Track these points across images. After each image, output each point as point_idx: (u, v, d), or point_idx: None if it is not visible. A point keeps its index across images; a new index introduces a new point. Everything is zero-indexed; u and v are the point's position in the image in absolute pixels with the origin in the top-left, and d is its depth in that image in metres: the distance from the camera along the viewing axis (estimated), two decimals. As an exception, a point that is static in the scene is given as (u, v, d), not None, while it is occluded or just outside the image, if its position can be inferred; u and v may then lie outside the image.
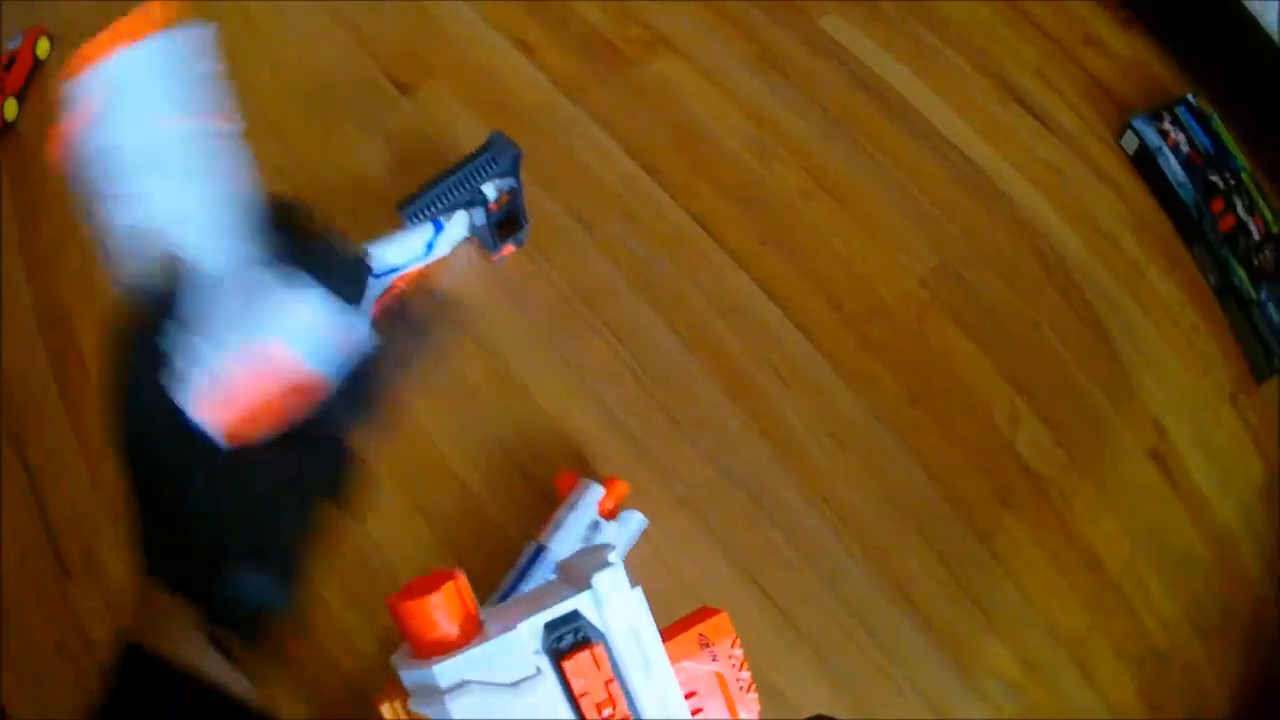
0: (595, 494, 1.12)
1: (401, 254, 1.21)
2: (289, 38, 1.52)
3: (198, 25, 0.50)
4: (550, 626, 0.47)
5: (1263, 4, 1.67)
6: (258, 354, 0.49)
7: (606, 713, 0.46)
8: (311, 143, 1.35)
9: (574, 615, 0.48)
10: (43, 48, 1.64)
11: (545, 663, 0.47)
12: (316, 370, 0.52)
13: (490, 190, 1.25)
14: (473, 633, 0.48)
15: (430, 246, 1.25)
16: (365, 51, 1.47)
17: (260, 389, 0.49)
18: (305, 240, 0.55)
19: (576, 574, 0.51)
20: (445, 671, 0.46)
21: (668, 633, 0.53)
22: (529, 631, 0.47)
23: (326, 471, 0.54)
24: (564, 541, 1.07)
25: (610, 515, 1.12)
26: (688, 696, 0.52)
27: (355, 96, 1.39)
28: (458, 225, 1.27)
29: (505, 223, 1.30)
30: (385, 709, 0.51)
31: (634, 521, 1.14)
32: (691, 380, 1.31)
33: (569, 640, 0.47)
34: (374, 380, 0.55)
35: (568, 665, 0.46)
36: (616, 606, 0.48)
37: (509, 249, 1.32)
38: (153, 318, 0.49)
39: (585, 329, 1.31)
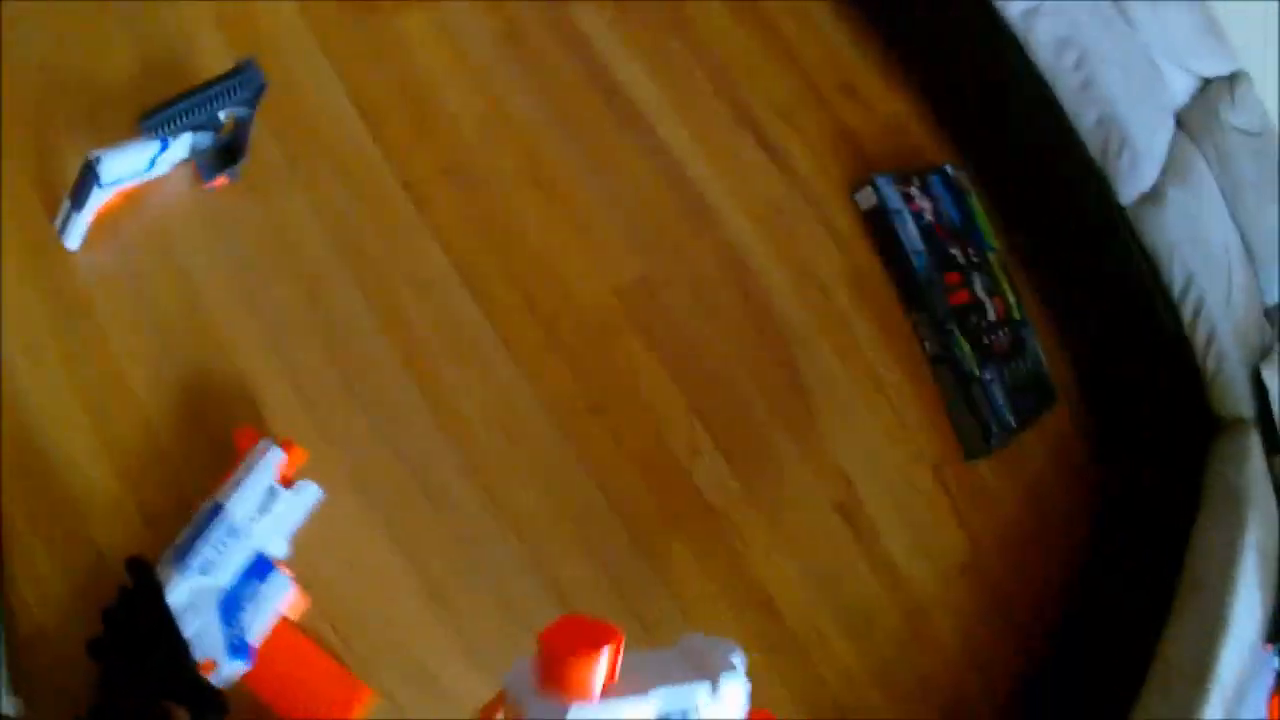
0: (275, 457, 1.13)
1: (129, 165, 1.21)
2: None
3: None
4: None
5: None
6: None
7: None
8: (67, 31, 1.34)
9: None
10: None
11: None
12: None
13: (223, 116, 1.27)
14: (608, 683, 0.66)
15: (153, 163, 1.26)
16: None
17: None
18: None
19: (704, 661, 0.72)
20: (579, 713, 0.63)
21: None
22: (654, 703, 0.66)
23: None
24: (241, 503, 1.09)
25: (287, 483, 1.15)
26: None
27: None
28: (181, 146, 1.27)
29: (226, 152, 1.31)
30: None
31: (309, 493, 1.16)
32: (373, 348, 1.34)
33: None
34: None
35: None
36: (726, 709, 0.69)
37: (223, 179, 1.33)
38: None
39: (281, 275, 1.32)
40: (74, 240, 1.22)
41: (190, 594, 1.03)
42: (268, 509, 1.11)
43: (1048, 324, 1.96)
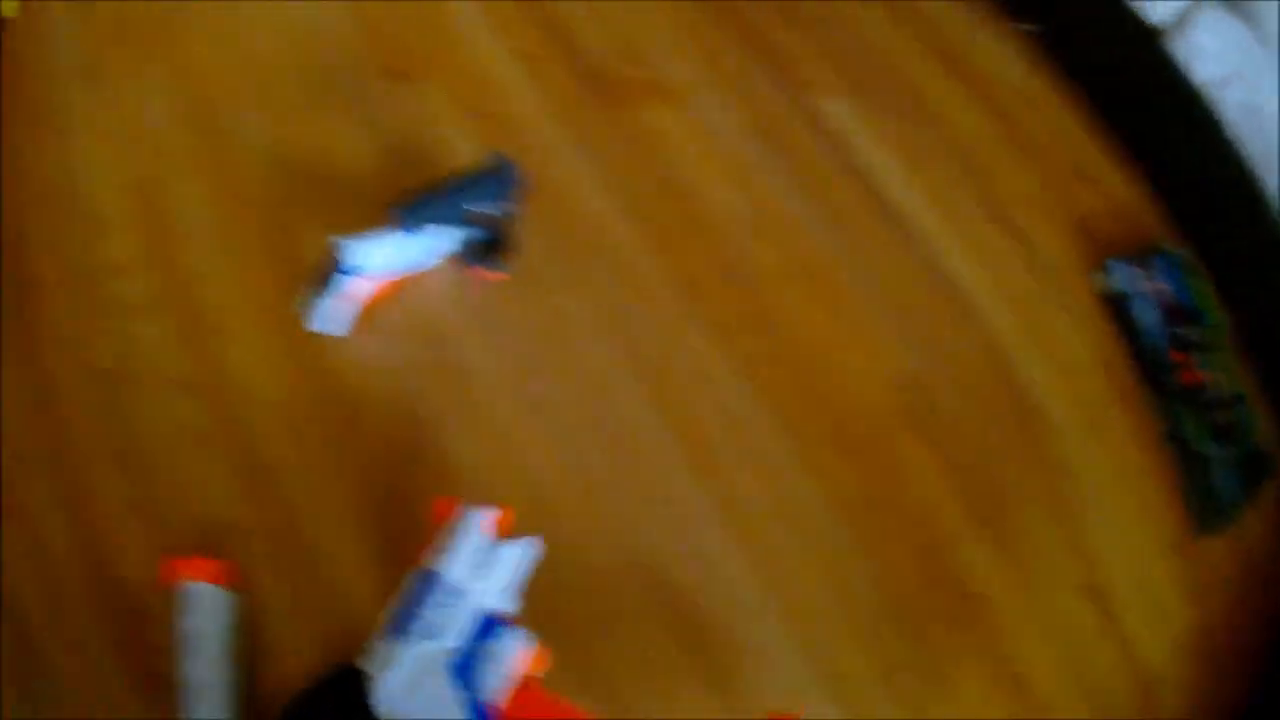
0: (480, 516, 1.08)
1: (385, 257, 1.25)
2: (296, 7, 1.56)
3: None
4: None
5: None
6: None
7: None
8: (304, 119, 1.39)
9: None
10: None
11: None
12: None
13: (483, 210, 1.31)
14: None
15: (416, 256, 1.30)
16: (368, 35, 1.52)
17: None
18: None
19: None
20: None
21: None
22: None
23: None
24: (454, 564, 1.04)
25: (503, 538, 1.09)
26: None
27: (352, 80, 1.44)
28: (444, 239, 1.32)
29: (494, 246, 1.35)
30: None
31: (526, 547, 1.09)
32: (653, 447, 1.38)
33: None
34: None
35: None
36: None
37: (491, 274, 1.38)
38: None
39: (558, 371, 1.36)
40: (323, 324, 1.26)
41: (416, 662, 0.99)
42: (485, 564, 1.06)
43: (1265, 398, 1.96)
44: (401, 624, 0.99)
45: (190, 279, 1.29)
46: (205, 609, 1.12)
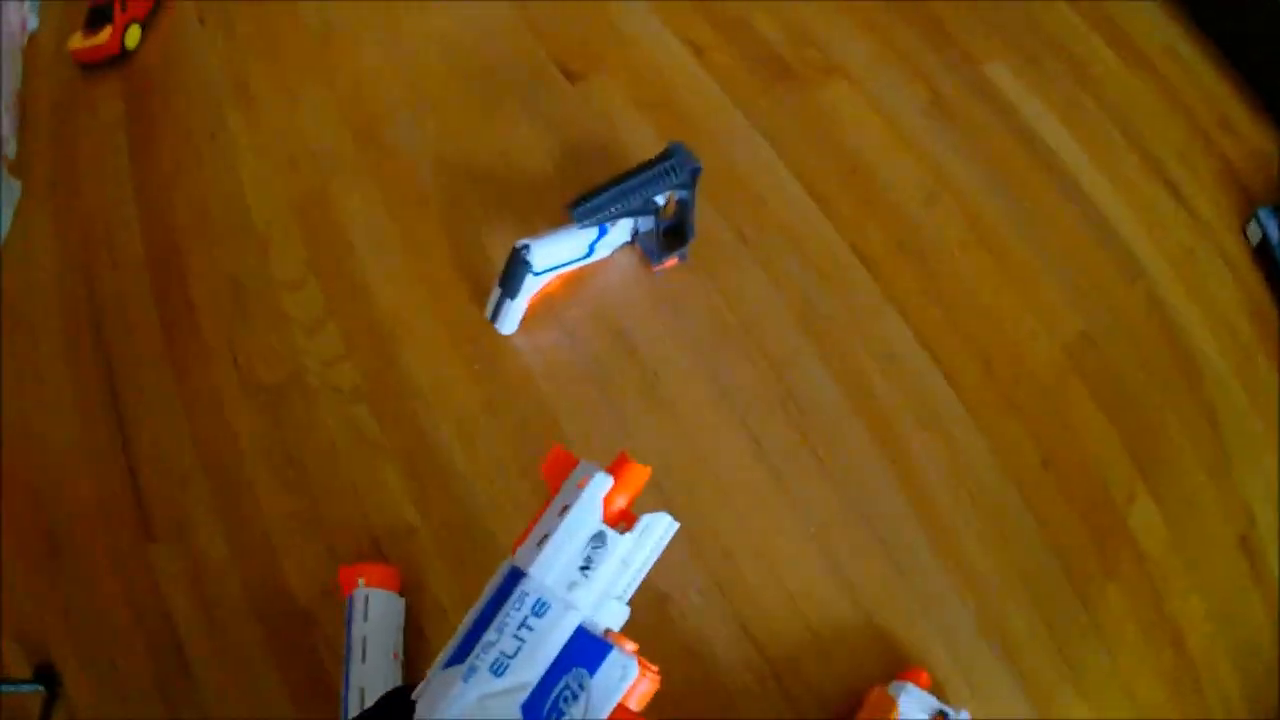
0: (599, 488, 0.78)
1: (564, 253, 1.26)
2: (460, 14, 1.57)
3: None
4: None
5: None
6: None
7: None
8: (474, 123, 1.40)
9: None
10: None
11: None
12: None
13: (662, 199, 1.30)
14: None
15: (592, 249, 1.31)
16: (536, 37, 1.53)
17: None
18: None
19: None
20: None
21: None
22: None
23: None
24: (552, 564, 0.75)
25: (623, 520, 0.79)
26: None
27: (522, 81, 1.44)
28: (620, 230, 1.32)
29: (671, 233, 1.35)
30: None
31: (658, 529, 0.78)
32: (839, 419, 1.39)
33: None
34: None
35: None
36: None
37: (671, 261, 1.37)
38: None
39: (738, 352, 1.37)
40: (508, 326, 1.26)
41: (477, 704, 0.70)
42: (594, 565, 0.76)
43: None
44: (465, 648, 0.72)
45: (358, 289, 1.30)
46: (375, 614, 1.12)
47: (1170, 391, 1.61)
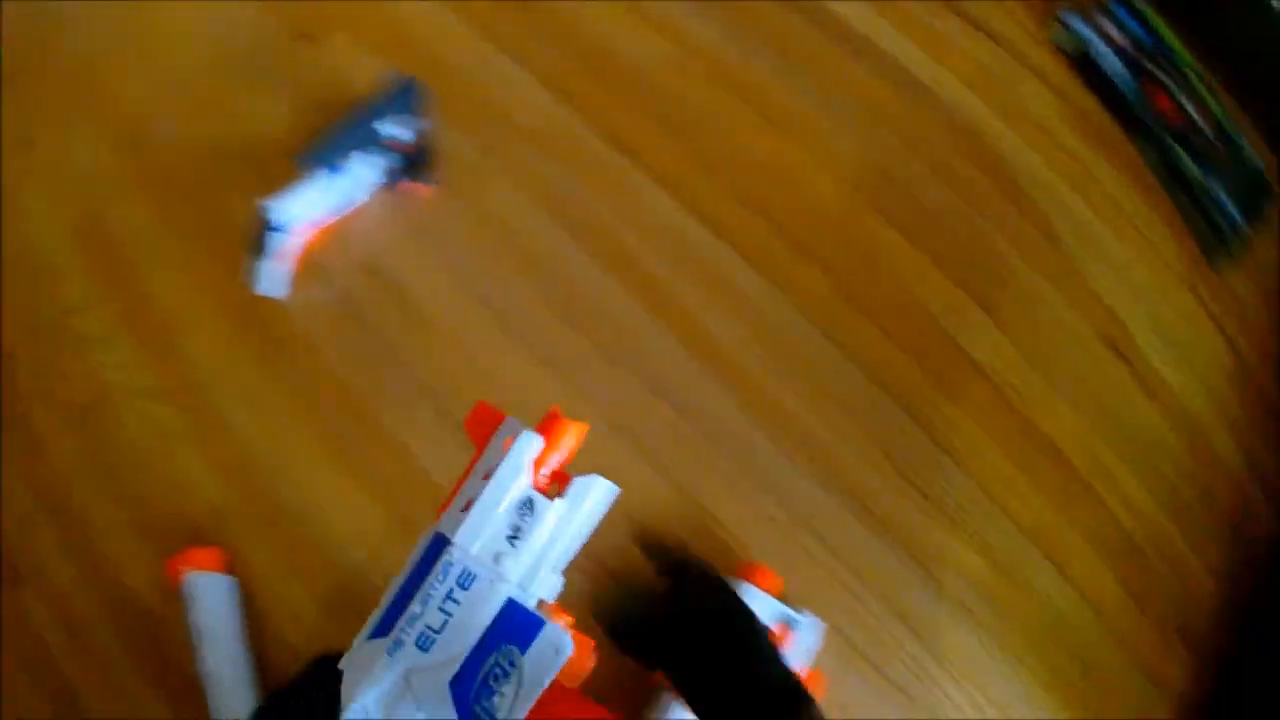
0: (525, 449, 0.70)
1: (309, 206, 1.25)
2: (204, 13, 1.55)
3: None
4: None
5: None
6: None
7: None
8: (226, 108, 1.41)
9: None
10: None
11: None
12: None
13: (395, 131, 1.30)
14: None
15: (342, 196, 1.29)
16: (275, 15, 1.53)
17: None
18: None
19: None
20: None
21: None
22: None
23: None
24: (476, 533, 0.68)
25: (556, 483, 0.72)
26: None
27: (267, 57, 1.44)
28: (366, 171, 1.31)
29: (415, 164, 1.34)
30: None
31: (593, 493, 0.71)
32: (616, 306, 1.36)
33: None
34: None
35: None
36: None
37: (419, 189, 1.36)
38: None
39: (504, 267, 1.36)
40: (269, 287, 1.25)
41: (403, 681, 0.65)
42: (523, 534, 0.69)
43: (1253, 128, 1.90)
44: (389, 620, 0.68)
45: (142, 295, 1.31)
46: (208, 597, 1.14)
47: (983, 205, 1.58)
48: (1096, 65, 1.74)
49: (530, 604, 0.67)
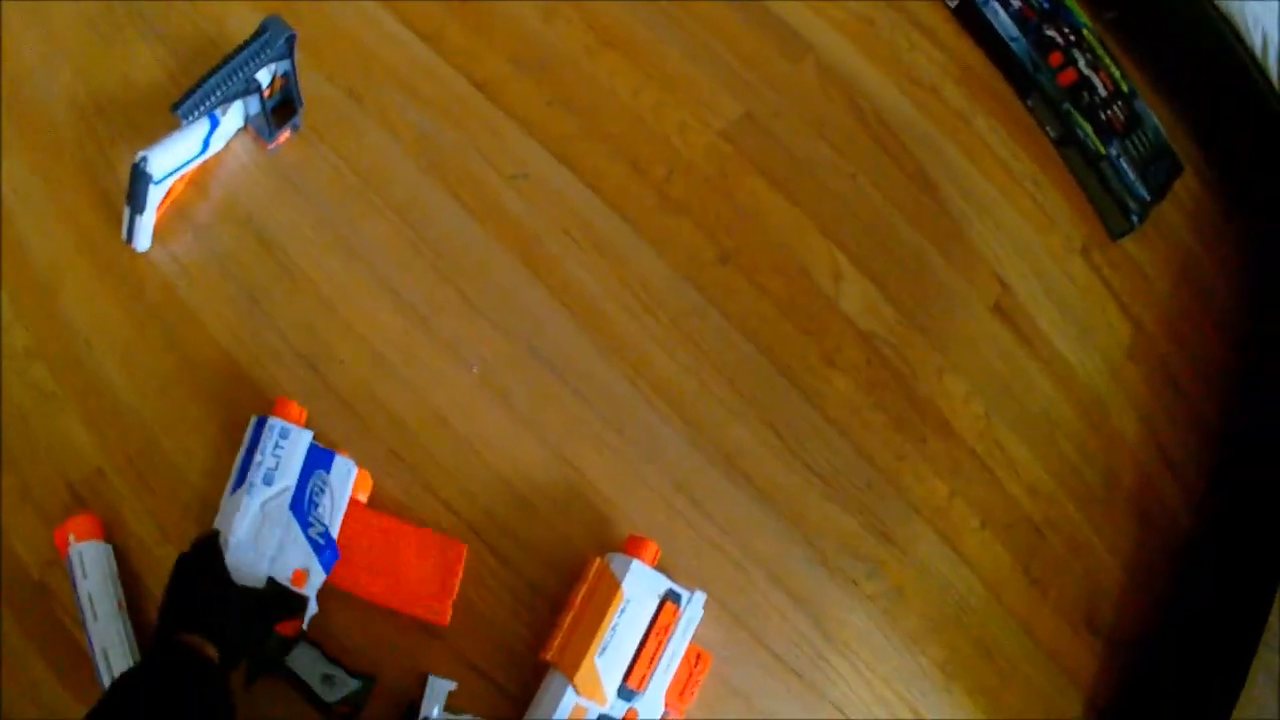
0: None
1: (181, 155, 1.20)
2: None
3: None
4: None
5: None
6: None
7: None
8: (98, 59, 1.34)
9: None
10: None
11: None
12: None
13: (264, 76, 1.25)
14: None
15: (207, 143, 1.25)
16: None
17: None
18: None
19: None
20: None
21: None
22: None
23: None
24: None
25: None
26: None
27: (135, 7, 1.40)
28: (232, 117, 1.27)
29: (280, 109, 1.29)
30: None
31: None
32: (484, 255, 1.28)
33: None
34: None
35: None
36: None
37: (285, 135, 1.31)
38: None
39: (369, 211, 1.28)
40: (143, 242, 1.22)
41: (262, 508, 1.02)
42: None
43: (1153, 93, 1.85)
44: (240, 477, 1.04)
45: (18, 254, 1.24)
46: (91, 568, 1.08)
47: (865, 163, 1.51)
48: (988, 23, 1.67)
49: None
